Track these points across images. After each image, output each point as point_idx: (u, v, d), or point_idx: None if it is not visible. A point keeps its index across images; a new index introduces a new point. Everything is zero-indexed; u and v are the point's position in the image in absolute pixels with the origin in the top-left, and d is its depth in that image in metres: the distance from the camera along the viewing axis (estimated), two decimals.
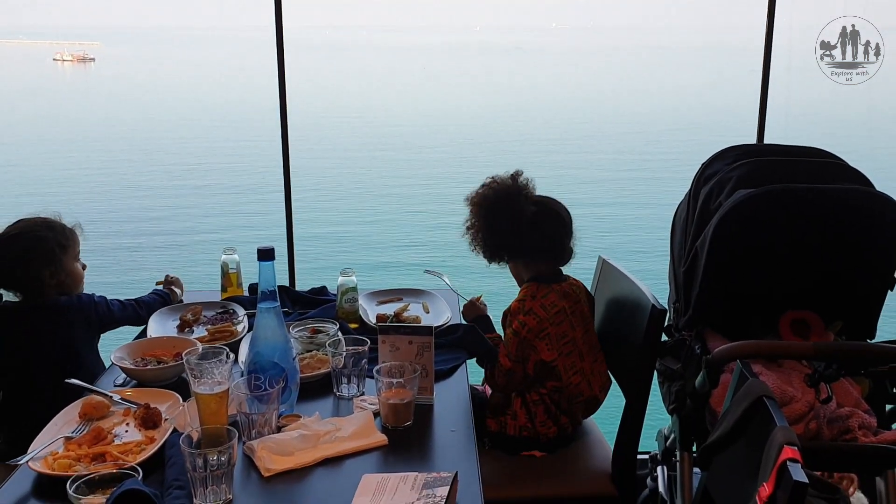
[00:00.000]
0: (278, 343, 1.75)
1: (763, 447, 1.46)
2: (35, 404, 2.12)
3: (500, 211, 2.19)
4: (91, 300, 2.24)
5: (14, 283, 2.20)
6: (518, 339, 2.16)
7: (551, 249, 2.24)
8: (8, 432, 2.24)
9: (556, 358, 2.16)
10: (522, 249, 2.24)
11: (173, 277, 2.59)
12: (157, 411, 1.73)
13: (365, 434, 1.69)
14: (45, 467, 1.54)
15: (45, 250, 2.18)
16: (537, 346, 2.15)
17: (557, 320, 2.16)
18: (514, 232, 2.18)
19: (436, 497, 1.40)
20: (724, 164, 2.33)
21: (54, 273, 2.19)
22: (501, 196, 2.21)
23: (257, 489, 1.53)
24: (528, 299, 2.18)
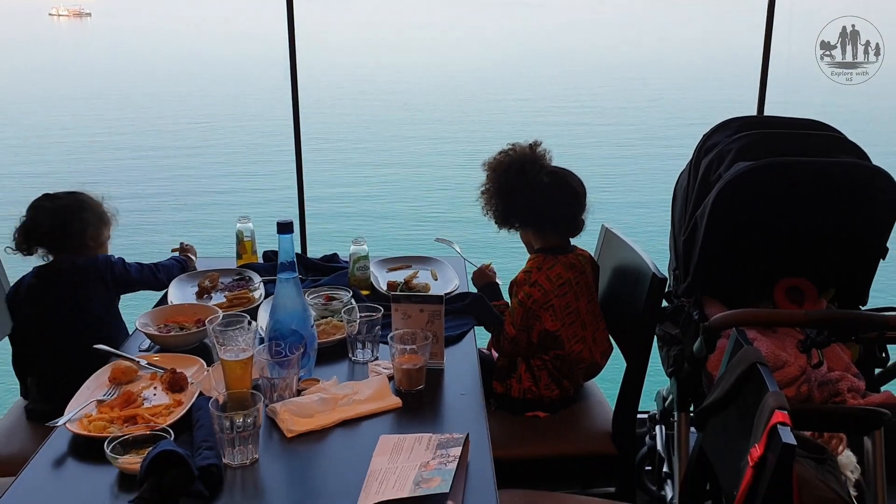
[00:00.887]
0: (297, 311, 1.84)
1: (755, 410, 1.56)
2: (60, 365, 2.24)
3: (514, 178, 2.26)
4: (108, 260, 2.35)
5: (60, 234, 2.31)
6: (523, 309, 2.25)
7: (563, 221, 2.32)
8: (37, 392, 2.35)
9: (559, 328, 2.25)
10: (534, 218, 2.32)
11: (188, 245, 2.68)
12: (182, 376, 1.83)
13: (380, 397, 1.79)
14: (82, 429, 1.64)
15: (95, 213, 2.37)
16: (542, 316, 2.24)
17: (561, 292, 2.25)
18: (527, 200, 2.26)
19: (449, 457, 1.50)
20: (724, 135, 2.40)
21: (94, 236, 2.34)
22: (517, 164, 2.28)
23: (281, 449, 1.63)
24: (534, 271, 2.26)
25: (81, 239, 2.33)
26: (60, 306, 2.28)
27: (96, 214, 2.37)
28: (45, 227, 2.28)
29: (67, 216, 2.30)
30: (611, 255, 2.52)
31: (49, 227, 2.28)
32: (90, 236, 2.35)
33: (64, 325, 2.26)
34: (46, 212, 2.29)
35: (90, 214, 2.35)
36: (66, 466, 1.60)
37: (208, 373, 1.83)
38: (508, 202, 2.30)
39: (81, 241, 2.33)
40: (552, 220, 2.32)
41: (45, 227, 2.28)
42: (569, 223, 2.33)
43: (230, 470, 1.54)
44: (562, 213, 2.30)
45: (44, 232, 2.29)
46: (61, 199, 2.33)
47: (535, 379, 2.31)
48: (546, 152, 2.31)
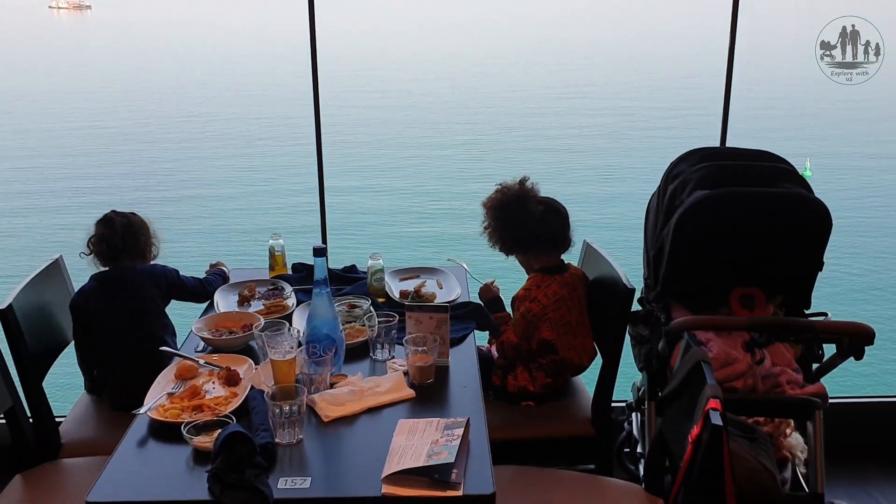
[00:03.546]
0: (329, 319, 2.25)
1: (699, 399, 1.96)
2: (121, 360, 2.65)
3: (512, 212, 2.67)
4: (163, 269, 2.76)
5: (132, 245, 2.69)
6: (525, 321, 2.65)
7: (558, 240, 2.72)
8: (101, 384, 2.74)
9: (555, 337, 2.65)
10: (534, 243, 2.71)
11: (217, 262, 3.08)
12: (236, 372, 2.24)
13: (397, 389, 2.20)
14: (160, 416, 2.05)
15: (153, 233, 2.78)
16: (540, 327, 2.64)
17: (556, 307, 2.65)
18: (527, 228, 2.66)
19: (453, 436, 1.91)
20: (688, 165, 2.80)
21: (151, 249, 2.76)
22: (513, 199, 2.68)
23: (319, 431, 2.03)
24: (534, 288, 2.66)
25: (143, 251, 2.73)
26: (124, 309, 2.65)
27: (152, 232, 2.78)
28: (119, 238, 2.66)
29: (137, 230, 2.71)
30: (591, 267, 2.91)
31: (122, 238, 2.66)
32: (149, 249, 2.76)
33: (126, 325, 2.64)
34: (120, 225, 2.67)
35: (150, 231, 2.76)
36: (147, 446, 2.00)
37: (257, 370, 2.23)
38: (510, 232, 2.70)
39: (143, 253, 2.73)
40: (550, 241, 2.71)
41: (119, 238, 2.66)
42: (563, 241, 2.73)
43: (280, 447, 1.94)
44: (556, 234, 2.70)
45: (117, 242, 2.66)
46: (129, 217, 2.72)
47: (532, 378, 2.71)
48: (534, 184, 2.71)
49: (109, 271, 2.71)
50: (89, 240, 2.69)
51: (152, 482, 1.86)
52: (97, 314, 2.67)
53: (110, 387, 2.72)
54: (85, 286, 2.70)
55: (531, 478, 2.39)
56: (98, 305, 2.67)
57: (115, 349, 2.67)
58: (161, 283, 2.71)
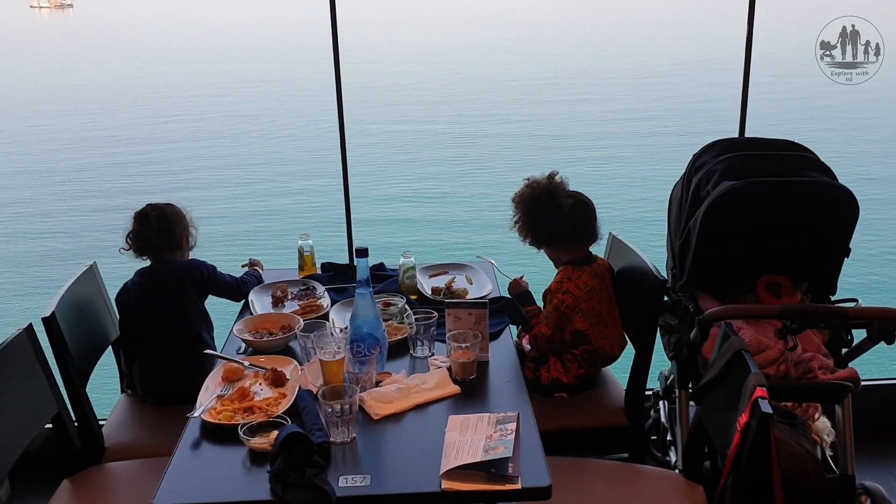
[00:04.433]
0: (372, 318, 2.28)
1: (741, 387, 2.01)
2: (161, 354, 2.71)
3: (542, 206, 2.71)
4: (201, 263, 2.80)
5: (167, 238, 2.73)
6: (557, 313, 2.69)
7: (585, 233, 2.76)
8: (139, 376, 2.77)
9: (588, 328, 2.70)
10: (563, 236, 2.75)
11: (255, 259, 3.11)
12: (282, 373, 2.27)
13: (442, 386, 2.24)
14: (213, 418, 2.08)
15: (187, 220, 2.82)
16: (573, 318, 2.69)
17: (588, 297, 2.69)
18: (557, 222, 2.70)
19: (507, 430, 1.95)
20: (710, 156, 2.85)
21: (187, 240, 2.80)
22: (543, 193, 2.72)
23: (370, 429, 2.07)
24: (565, 281, 2.71)
25: (179, 242, 2.77)
26: (163, 302, 2.71)
27: (188, 221, 2.82)
28: (154, 232, 2.70)
29: (172, 223, 2.74)
30: (618, 259, 2.96)
31: (157, 232, 2.70)
32: (185, 240, 2.80)
33: (165, 318, 2.70)
34: (155, 219, 2.71)
35: (186, 221, 2.80)
36: (203, 449, 2.03)
37: (303, 371, 2.27)
38: (541, 226, 2.74)
39: (179, 244, 2.78)
40: (579, 233, 2.75)
41: (154, 232, 2.70)
42: (591, 233, 2.77)
43: (335, 446, 1.98)
44: (584, 227, 2.75)
45: (153, 236, 2.70)
46: (164, 209, 2.76)
47: (565, 370, 2.75)
48: (563, 179, 2.75)
49: (150, 266, 2.78)
50: (127, 235, 2.75)
51: (213, 484, 1.90)
52: (138, 307, 2.74)
53: (148, 380, 2.75)
54: (129, 280, 2.77)
55: (569, 468, 2.44)
56: (139, 298, 2.74)
57: (154, 342, 2.72)
58: (196, 276, 2.75)
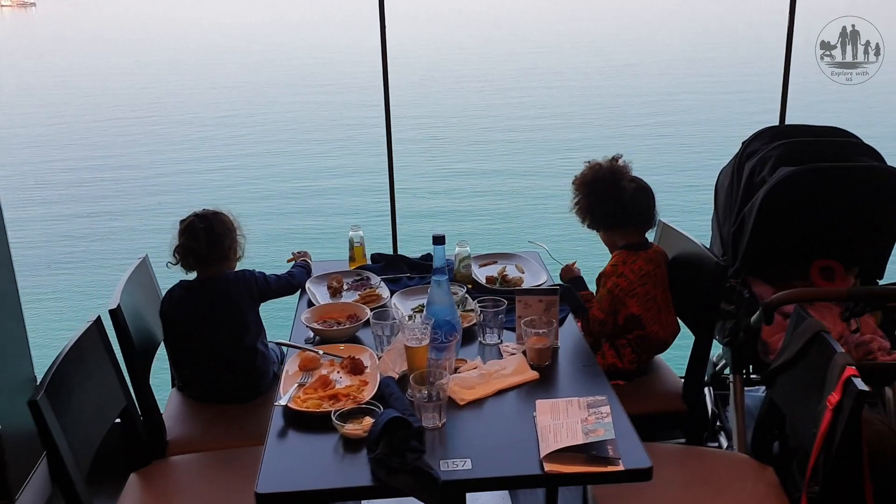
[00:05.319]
0: (448, 305, 2.28)
1: (823, 367, 2.03)
2: (213, 362, 2.66)
3: (604, 188, 2.71)
4: (252, 275, 2.73)
5: (214, 248, 2.64)
6: (611, 296, 2.70)
7: (643, 218, 2.77)
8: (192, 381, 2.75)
9: (642, 312, 2.71)
10: (623, 219, 2.76)
11: (301, 251, 3.10)
12: (360, 361, 2.27)
13: (521, 371, 2.24)
14: (301, 406, 2.07)
15: (236, 229, 2.73)
16: (627, 302, 2.69)
17: (643, 282, 2.70)
18: (618, 205, 2.71)
19: (602, 413, 1.96)
20: (762, 143, 2.89)
21: (236, 250, 2.72)
22: (606, 175, 2.72)
23: (458, 414, 2.07)
24: (620, 264, 2.72)
25: (227, 254, 2.69)
26: (212, 316, 2.64)
27: (236, 231, 2.73)
28: (203, 244, 2.62)
29: (221, 235, 2.66)
30: (668, 246, 2.97)
31: (206, 244, 2.62)
32: (233, 251, 2.72)
33: (215, 330, 2.64)
34: (203, 231, 2.62)
35: (234, 231, 2.72)
36: (292, 437, 2.02)
37: (382, 358, 2.27)
38: (602, 208, 2.74)
39: (227, 255, 2.69)
40: (638, 218, 2.77)
41: (203, 244, 2.62)
42: (649, 219, 2.79)
43: (427, 431, 1.98)
44: (644, 212, 2.76)
45: (201, 250, 2.62)
46: (211, 220, 2.67)
47: (619, 356, 2.77)
48: (626, 163, 2.76)
49: (197, 280, 2.69)
50: (175, 249, 2.66)
51: (311, 471, 1.89)
52: (186, 320, 2.67)
53: (199, 386, 2.72)
54: (173, 293, 2.69)
55: None
56: (186, 312, 2.67)
57: (204, 352, 2.68)
58: (253, 290, 2.71)
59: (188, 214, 2.66)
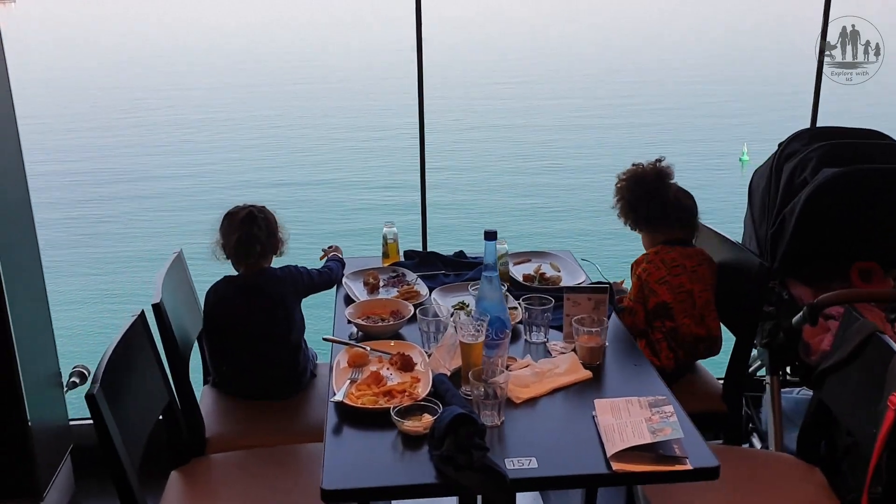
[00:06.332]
0: (498, 301, 2.26)
1: (880, 368, 2.02)
2: (257, 357, 2.62)
3: (648, 188, 2.70)
4: (298, 271, 2.70)
5: (266, 243, 2.59)
6: (640, 282, 2.69)
7: (684, 221, 2.75)
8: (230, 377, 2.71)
9: (671, 301, 2.68)
10: (664, 220, 2.75)
11: (333, 246, 3.06)
12: (409, 358, 2.24)
13: (574, 371, 2.22)
14: (356, 402, 2.04)
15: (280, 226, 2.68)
16: (657, 289, 2.66)
17: (675, 272, 2.68)
18: (661, 205, 2.69)
19: (666, 413, 1.95)
20: (801, 144, 2.88)
21: (281, 246, 2.67)
22: (650, 176, 2.71)
23: (514, 413, 2.05)
24: (652, 254, 2.71)
25: (276, 247, 2.65)
26: (259, 311, 2.60)
27: (280, 227, 2.68)
28: (264, 237, 2.57)
29: (273, 231, 2.62)
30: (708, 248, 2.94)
31: (265, 238, 2.58)
32: (279, 246, 2.67)
33: (265, 326, 2.60)
34: (264, 223, 2.58)
35: (279, 228, 2.67)
36: (347, 433, 1.99)
37: (433, 354, 2.24)
38: (645, 208, 2.73)
39: (275, 251, 2.66)
40: (681, 216, 2.75)
41: (264, 237, 2.57)
42: (690, 223, 2.77)
43: (487, 429, 1.96)
44: (686, 214, 2.75)
45: (262, 240, 2.57)
46: (266, 213, 2.62)
47: (655, 351, 2.74)
48: (670, 166, 2.75)
49: (244, 275, 2.63)
50: (224, 243, 2.60)
51: (374, 468, 1.86)
52: (231, 316, 2.62)
53: (238, 381, 2.68)
54: (219, 288, 2.64)
55: None
56: (232, 307, 2.62)
57: (247, 348, 2.64)
58: (299, 285, 2.68)
59: (234, 207, 2.62)
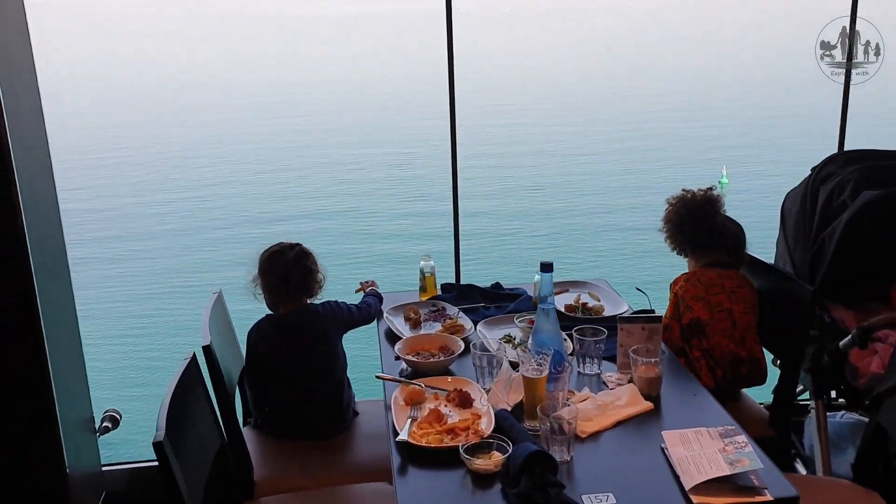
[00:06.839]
0: (555, 333, 2.23)
1: None
2: (300, 395, 2.58)
3: (698, 216, 2.69)
4: (339, 306, 2.66)
5: (306, 279, 2.57)
6: (676, 299, 2.68)
7: (730, 249, 2.74)
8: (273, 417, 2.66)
9: (707, 317, 2.65)
10: (711, 241, 2.74)
11: (369, 281, 3.03)
12: (467, 394, 2.21)
13: (635, 402, 2.20)
14: (420, 441, 2.00)
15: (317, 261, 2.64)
16: (693, 305, 2.65)
17: (714, 291, 2.65)
18: (710, 233, 2.69)
19: (740, 443, 1.92)
20: (836, 167, 2.90)
21: (319, 283, 2.63)
22: (701, 204, 2.71)
23: (581, 446, 2.02)
24: (690, 273, 2.71)
25: (312, 287, 2.61)
26: (308, 347, 2.56)
27: (317, 264, 2.64)
28: (298, 277, 2.55)
29: (309, 269, 2.58)
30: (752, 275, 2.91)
31: (307, 277, 2.56)
32: (316, 284, 2.63)
33: (309, 363, 2.56)
34: (294, 265, 2.55)
35: (317, 264, 2.63)
36: (416, 472, 1.95)
37: (491, 389, 2.21)
38: (693, 235, 2.72)
39: (311, 288, 2.61)
40: (727, 241, 2.74)
41: (298, 277, 2.55)
42: (736, 253, 2.76)
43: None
44: (734, 238, 2.74)
45: (291, 285, 2.55)
46: (305, 250, 2.60)
47: (694, 370, 2.69)
48: (720, 195, 2.74)
49: (287, 313, 2.60)
50: (263, 281, 2.57)
51: None
52: (274, 354, 2.58)
53: (283, 420, 2.64)
54: (261, 326, 2.60)
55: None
56: (276, 346, 2.58)
57: (291, 386, 2.59)
58: (341, 321, 2.65)
59: (274, 246, 2.59)
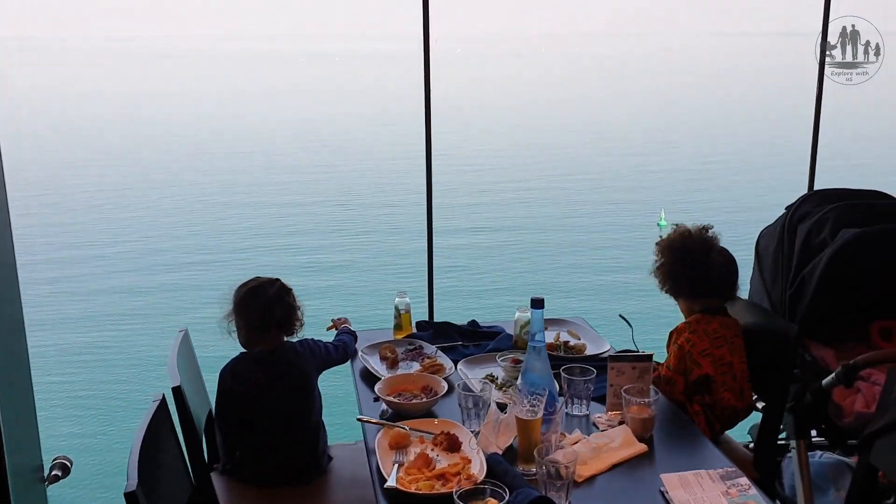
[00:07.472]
0: (546, 373, 2.16)
1: None
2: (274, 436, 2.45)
3: (695, 258, 2.63)
4: (316, 344, 2.55)
5: (288, 316, 2.46)
6: (681, 353, 2.61)
7: (725, 290, 2.70)
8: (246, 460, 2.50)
9: (714, 374, 2.61)
10: (708, 290, 2.68)
11: (340, 318, 2.92)
12: (455, 436, 2.11)
13: (629, 444, 2.12)
14: (409, 488, 1.89)
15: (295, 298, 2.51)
16: (700, 362, 2.59)
17: (717, 344, 2.62)
18: (706, 276, 2.63)
19: (742, 485, 1.86)
20: (812, 206, 2.89)
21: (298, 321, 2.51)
22: (697, 245, 2.65)
23: (579, 491, 1.93)
24: (694, 323, 2.63)
25: (292, 324, 2.50)
26: (285, 387, 2.45)
27: (296, 300, 2.52)
28: (281, 315, 2.44)
29: (291, 305, 2.47)
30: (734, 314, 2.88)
31: (283, 313, 2.45)
32: (296, 321, 2.52)
33: (286, 404, 2.44)
34: (276, 301, 2.44)
35: (296, 301, 2.52)
36: None
37: (480, 432, 2.11)
38: (689, 277, 2.66)
39: (292, 325, 2.50)
40: (723, 290, 2.70)
41: (281, 315, 2.44)
42: (733, 291, 2.72)
43: None
44: (728, 285, 2.70)
45: (272, 321, 2.43)
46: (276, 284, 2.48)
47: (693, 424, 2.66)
48: (716, 234, 2.70)
49: (262, 352, 2.48)
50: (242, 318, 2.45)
51: None
52: (249, 395, 2.46)
53: (256, 467, 2.48)
54: (236, 365, 2.47)
55: None
56: (252, 386, 2.45)
57: (267, 429, 2.46)
58: (319, 360, 2.54)
59: (249, 280, 2.46)
